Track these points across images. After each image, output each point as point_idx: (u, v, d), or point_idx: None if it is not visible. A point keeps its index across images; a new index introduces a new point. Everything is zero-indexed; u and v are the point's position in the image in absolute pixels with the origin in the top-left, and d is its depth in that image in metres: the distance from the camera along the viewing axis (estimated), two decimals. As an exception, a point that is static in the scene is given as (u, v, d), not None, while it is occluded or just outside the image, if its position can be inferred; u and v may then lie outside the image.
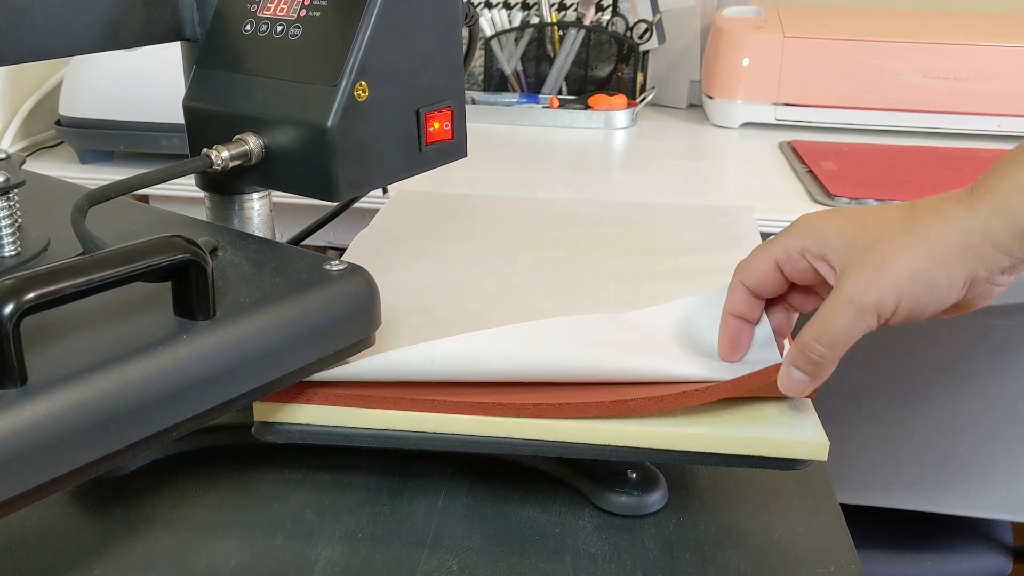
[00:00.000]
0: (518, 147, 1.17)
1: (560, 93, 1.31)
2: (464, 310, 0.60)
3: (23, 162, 0.57)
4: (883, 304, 0.43)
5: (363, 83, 0.50)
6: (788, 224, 0.48)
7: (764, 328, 0.50)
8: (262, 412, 0.49)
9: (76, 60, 1.01)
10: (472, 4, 1.07)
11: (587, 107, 1.25)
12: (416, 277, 0.65)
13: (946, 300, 0.43)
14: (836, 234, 0.45)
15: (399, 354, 0.49)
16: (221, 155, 0.51)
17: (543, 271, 0.66)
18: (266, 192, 0.60)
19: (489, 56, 1.31)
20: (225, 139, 0.52)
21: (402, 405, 0.49)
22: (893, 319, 0.44)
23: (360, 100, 0.50)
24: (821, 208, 0.93)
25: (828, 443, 0.47)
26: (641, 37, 1.29)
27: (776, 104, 1.23)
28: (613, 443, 0.48)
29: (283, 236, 0.67)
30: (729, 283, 0.50)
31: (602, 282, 0.65)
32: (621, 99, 1.26)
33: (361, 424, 0.49)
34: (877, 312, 0.43)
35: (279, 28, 0.53)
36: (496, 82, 1.32)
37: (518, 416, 0.48)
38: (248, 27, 0.54)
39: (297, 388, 0.48)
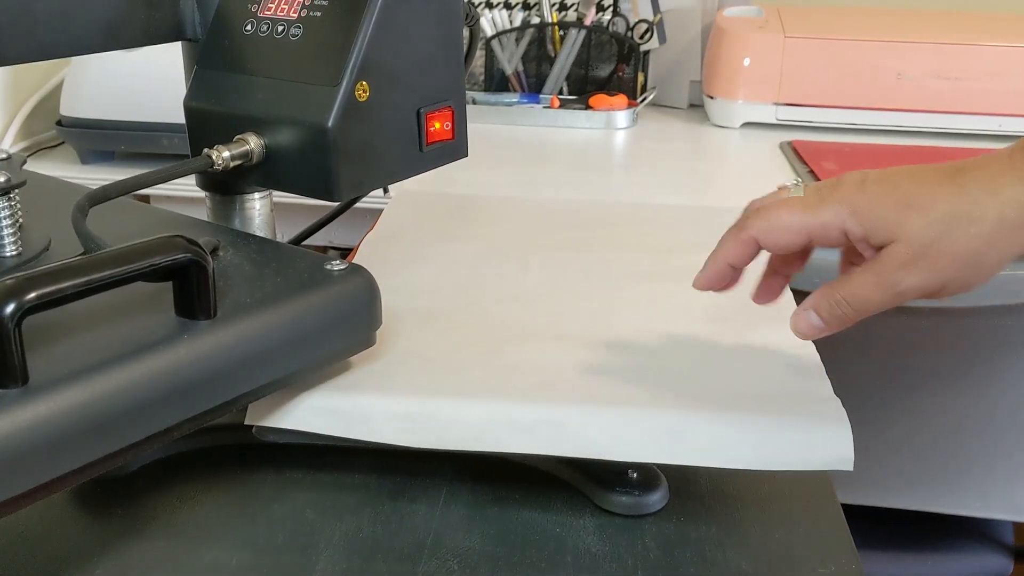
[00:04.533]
0: (519, 147, 1.17)
1: (561, 93, 1.31)
2: (480, 313, 0.59)
3: (24, 162, 0.57)
4: (927, 288, 0.42)
5: (364, 83, 0.50)
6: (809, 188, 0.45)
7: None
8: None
9: (77, 60, 1.01)
10: (473, 4, 1.07)
11: (588, 107, 1.25)
12: (429, 280, 0.65)
13: (991, 277, 0.42)
14: (880, 216, 0.42)
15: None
16: (222, 155, 0.51)
17: (554, 272, 0.67)
18: (267, 192, 0.60)
19: (490, 56, 1.31)
20: (226, 139, 0.52)
21: None
22: (933, 296, 0.43)
23: (361, 100, 0.51)
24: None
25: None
26: (642, 37, 1.29)
27: (777, 104, 1.23)
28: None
29: (284, 236, 0.67)
30: (736, 231, 0.46)
31: (614, 282, 0.65)
32: (622, 99, 1.26)
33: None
34: (920, 295, 0.42)
35: (280, 28, 0.53)
36: (497, 82, 1.32)
37: None
38: (249, 27, 0.54)
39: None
